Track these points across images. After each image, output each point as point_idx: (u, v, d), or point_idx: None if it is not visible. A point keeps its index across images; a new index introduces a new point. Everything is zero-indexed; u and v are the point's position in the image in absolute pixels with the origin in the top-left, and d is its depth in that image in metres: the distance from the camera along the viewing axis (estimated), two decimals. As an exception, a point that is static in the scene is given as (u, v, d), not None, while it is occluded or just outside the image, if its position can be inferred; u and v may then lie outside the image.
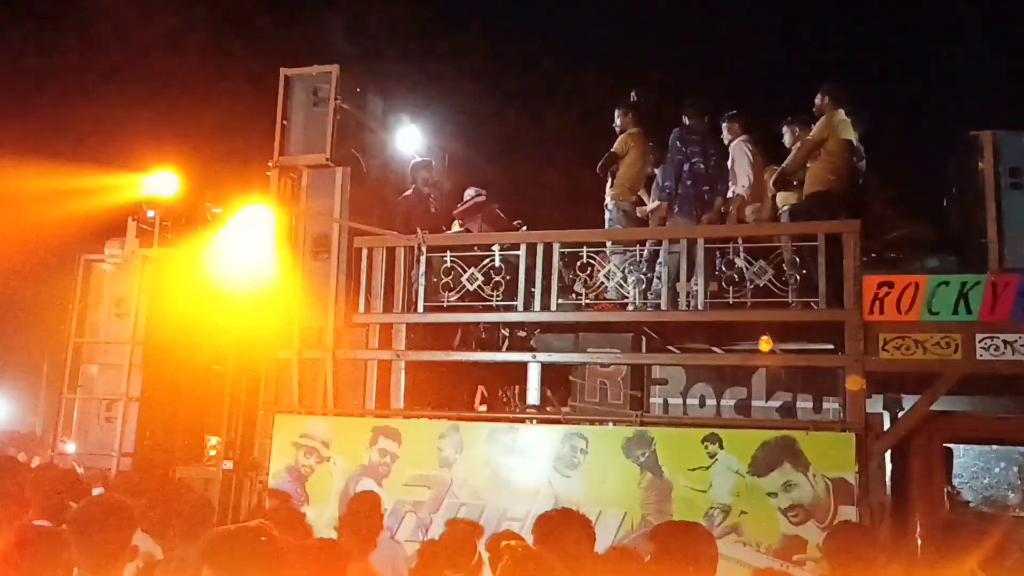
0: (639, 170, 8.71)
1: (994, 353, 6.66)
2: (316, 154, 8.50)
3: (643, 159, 8.72)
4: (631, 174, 8.66)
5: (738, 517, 6.69)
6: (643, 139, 8.77)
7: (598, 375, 7.70)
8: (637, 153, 8.68)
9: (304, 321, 8.29)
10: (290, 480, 7.80)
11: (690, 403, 7.63)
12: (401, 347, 8.05)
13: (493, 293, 7.91)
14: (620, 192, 8.65)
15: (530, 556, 3.19)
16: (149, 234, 9.45)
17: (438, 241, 8.32)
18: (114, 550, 3.42)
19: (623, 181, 8.67)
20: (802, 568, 6.41)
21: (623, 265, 7.93)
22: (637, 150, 8.70)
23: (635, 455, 7.00)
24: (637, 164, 8.69)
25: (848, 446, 6.61)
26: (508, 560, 3.16)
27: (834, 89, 8.06)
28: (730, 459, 6.80)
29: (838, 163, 7.84)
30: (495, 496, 7.26)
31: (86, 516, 3.49)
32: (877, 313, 6.88)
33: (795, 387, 7.41)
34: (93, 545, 3.34)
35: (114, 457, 8.28)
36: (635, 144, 8.70)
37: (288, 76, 8.69)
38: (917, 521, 6.59)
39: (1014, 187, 6.99)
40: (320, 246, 8.40)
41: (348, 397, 8.10)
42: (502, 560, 3.23)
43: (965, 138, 7.40)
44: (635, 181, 8.72)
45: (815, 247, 7.15)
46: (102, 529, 3.41)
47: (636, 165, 8.68)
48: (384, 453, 7.61)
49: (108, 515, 3.50)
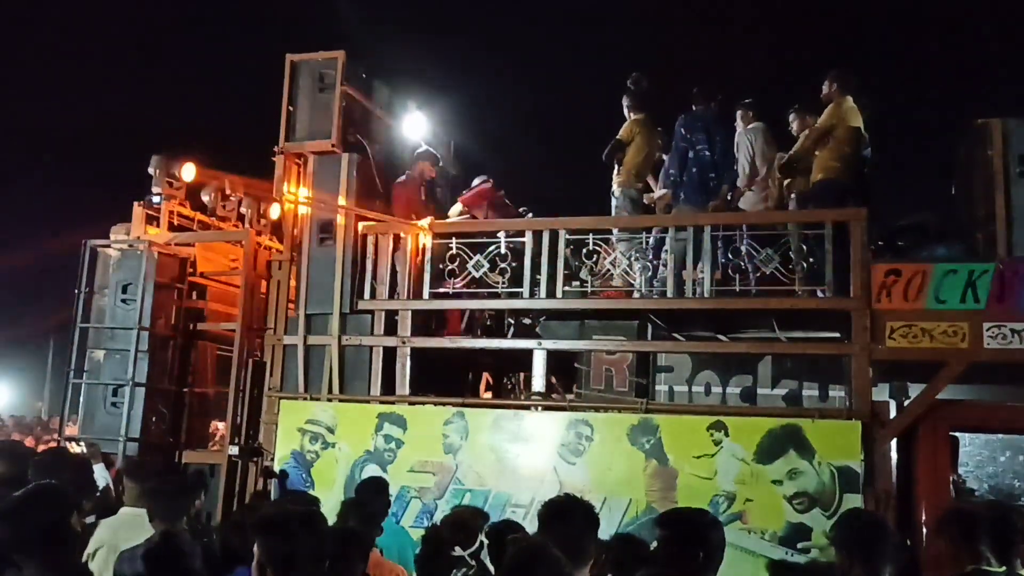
0: (645, 156, 8.68)
1: (1001, 342, 6.64)
2: (322, 140, 8.47)
3: (649, 145, 8.68)
4: (637, 161, 8.62)
5: (743, 504, 6.70)
6: (650, 124, 8.73)
7: (603, 362, 7.69)
8: (643, 139, 8.64)
9: (309, 307, 8.31)
10: (296, 465, 7.82)
11: (695, 391, 7.61)
12: (407, 334, 8.05)
13: (499, 280, 7.90)
14: (626, 179, 8.62)
15: (532, 548, 3.23)
16: (155, 220, 9.47)
17: (444, 228, 8.31)
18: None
19: (629, 168, 8.64)
20: (807, 556, 6.42)
21: (629, 252, 7.92)
22: (643, 136, 8.66)
23: (640, 442, 7.00)
24: (643, 151, 8.66)
25: (854, 434, 6.60)
26: (512, 551, 3.20)
27: (842, 76, 8.02)
28: (735, 447, 6.80)
29: (846, 151, 7.80)
30: (500, 483, 7.27)
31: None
32: (884, 301, 6.86)
33: (801, 375, 7.39)
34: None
35: (120, 442, 8.30)
36: (640, 130, 8.66)
37: (294, 62, 8.66)
38: (923, 509, 6.59)
39: (1023, 175, 6.95)
40: (325, 232, 8.39)
41: (353, 383, 8.11)
42: (507, 553, 3.27)
43: (974, 126, 7.36)
44: (641, 168, 8.68)
45: (822, 235, 7.13)
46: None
47: (642, 152, 8.65)
48: (389, 439, 7.62)
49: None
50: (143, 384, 8.50)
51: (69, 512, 3.59)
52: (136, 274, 8.65)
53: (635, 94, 8.78)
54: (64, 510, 3.55)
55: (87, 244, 9.02)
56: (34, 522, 3.39)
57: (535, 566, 3.02)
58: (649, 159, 8.75)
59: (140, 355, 8.52)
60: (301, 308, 8.34)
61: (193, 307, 9.26)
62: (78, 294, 8.89)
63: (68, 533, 3.50)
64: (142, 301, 8.58)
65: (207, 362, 9.48)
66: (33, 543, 3.36)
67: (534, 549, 3.16)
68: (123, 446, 8.29)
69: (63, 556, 3.45)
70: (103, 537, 5.02)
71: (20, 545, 3.36)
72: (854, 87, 8.00)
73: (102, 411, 8.62)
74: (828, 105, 7.98)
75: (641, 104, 8.75)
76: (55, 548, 3.42)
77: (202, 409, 9.41)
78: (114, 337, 8.73)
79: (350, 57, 8.56)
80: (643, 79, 8.88)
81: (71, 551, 3.54)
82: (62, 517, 3.50)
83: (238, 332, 8.69)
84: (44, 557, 3.35)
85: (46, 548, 3.37)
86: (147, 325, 8.58)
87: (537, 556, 3.06)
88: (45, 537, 3.38)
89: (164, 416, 8.73)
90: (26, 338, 25.70)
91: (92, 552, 4.85)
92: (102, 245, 9.19)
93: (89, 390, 8.78)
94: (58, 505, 3.55)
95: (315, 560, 3.06)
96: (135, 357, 8.49)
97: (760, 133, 8.44)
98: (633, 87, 8.82)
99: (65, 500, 3.65)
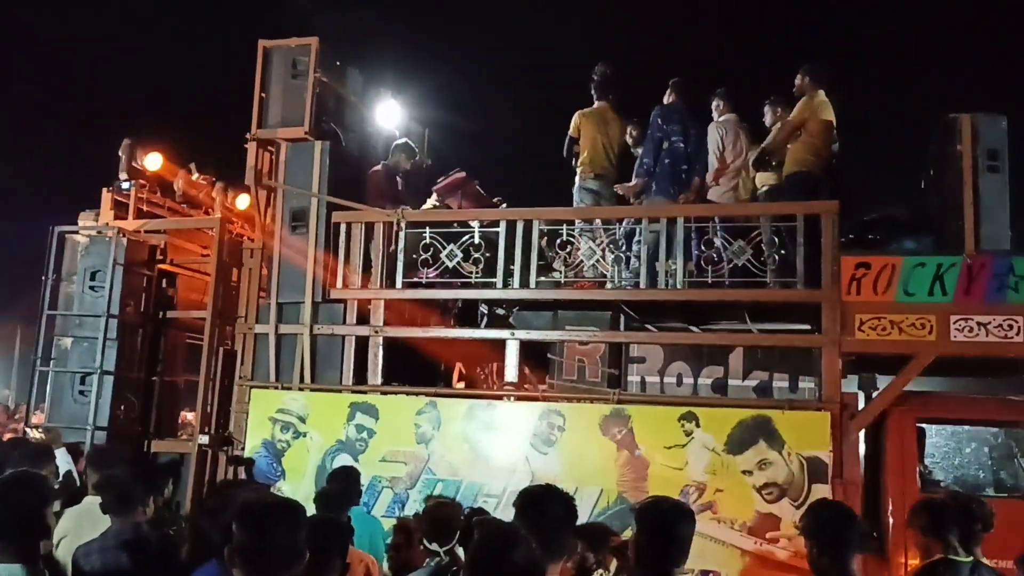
0: (595, 147, 8.63)
1: (968, 334, 6.72)
2: (295, 127, 8.41)
3: (598, 134, 8.63)
4: (587, 154, 8.61)
5: (713, 495, 6.74)
6: (597, 114, 8.69)
7: (576, 353, 7.71)
8: (588, 130, 8.63)
9: (281, 295, 8.25)
10: (266, 455, 7.78)
11: (667, 381, 7.66)
12: (379, 323, 8.02)
13: (472, 270, 7.89)
14: (582, 171, 8.63)
15: (502, 531, 3.12)
16: (124, 206, 9.36)
17: (418, 217, 8.27)
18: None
19: (583, 161, 8.63)
20: (775, 545, 6.49)
21: (600, 243, 7.91)
22: (588, 127, 8.65)
23: (612, 432, 7.02)
24: (591, 142, 8.62)
25: (823, 425, 6.66)
26: (480, 534, 3.10)
27: (815, 69, 8.06)
28: (706, 437, 6.84)
29: (818, 144, 7.86)
30: (472, 472, 7.27)
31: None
32: (854, 293, 6.93)
33: (771, 366, 7.46)
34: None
35: (88, 431, 8.20)
36: (583, 122, 8.68)
37: (267, 48, 8.58)
38: (890, 499, 6.67)
39: (991, 170, 7.02)
40: (298, 220, 8.33)
41: (325, 372, 8.07)
42: (474, 535, 3.17)
43: (944, 120, 7.42)
44: (594, 157, 8.63)
45: (794, 227, 7.17)
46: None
47: (590, 143, 8.62)
48: (361, 429, 7.59)
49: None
50: (111, 372, 8.40)
51: (47, 502, 3.55)
52: (105, 261, 8.54)
53: (596, 83, 8.77)
54: (42, 499, 3.51)
55: (55, 230, 8.88)
56: (12, 510, 3.35)
57: (506, 552, 2.85)
58: (601, 149, 8.66)
59: (109, 343, 8.42)
60: (273, 296, 8.29)
61: (163, 295, 9.16)
62: (45, 280, 8.77)
63: (44, 523, 3.46)
64: (111, 288, 8.47)
65: (177, 350, 9.40)
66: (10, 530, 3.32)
67: (505, 534, 3.01)
68: (91, 435, 8.19)
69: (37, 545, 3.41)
70: (67, 526, 4.97)
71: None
72: (827, 80, 8.05)
73: (69, 399, 8.51)
74: (801, 98, 8.02)
75: (602, 92, 8.74)
76: (30, 537, 3.38)
77: (172, 398, 9.33)
78: (82, 324, 8.62)
79: (324, 44, 8.49)
80: (606, 67, 8.85)
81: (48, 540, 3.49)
82: (40, 506, 3.46)
83: (208, 320, 8.61)
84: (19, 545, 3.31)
85: (21, 536, 3.33)
86: (116, 312, 8.47)
87: (509, 541, 2.90)
88: (21, 525, 3.34)
89: (133, 405, 8.63)
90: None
91: (56, 541, 4.79)
92: (70, 231, 9.06)
93: (56, 378, 8.67)
94: (37, 494, 3.51)
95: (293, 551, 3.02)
96: (103, 345, 8.39)
97: (731, 125, 8.38)
98: (595, 76, 8.81)
99: (44, 489, 3.60)
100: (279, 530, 3.01)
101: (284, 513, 3.10)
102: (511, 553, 2.85)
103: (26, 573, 3.27)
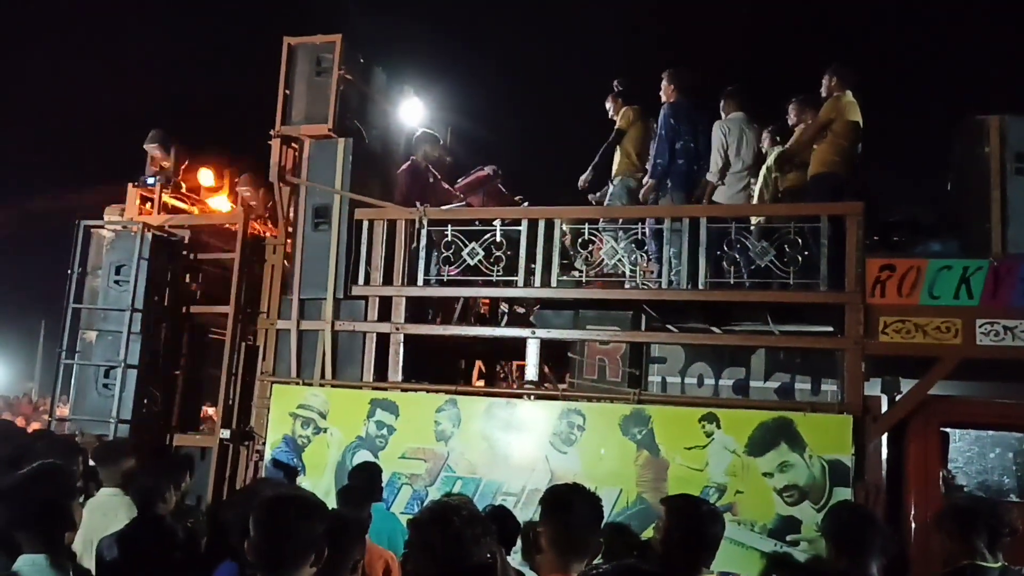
0: (643, 144, 8.67)
1: (994, 338, 6.65)
2: (318, 124, 8.44)
3: (648, 132, 8.68)
4: (636, 149, 8.62)
5: (733, 496, 6.71)
6: (644, 114, 8.75)
7: (597, 352, 7.69)
8: (641, 126, 8.66)
9: (303, 292, 8.29)
10: (287, 450, 7.82)
11: (688, 382, 7.62)
12: (400, 320, 8.04)
13: (493, 268, 7.89)
14: (626, 168, 8.62)
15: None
16: (149, 200, 9.43)
17: (439, 215, 8.29)
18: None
19: (627, 156, 8.63)
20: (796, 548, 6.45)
21: (623, 242, 7.89)
22: (640, 125, 8.68)
23: (632, 432, 7.01)
24: (641, 139, 8.66)
25: (845, 428, 6.61)
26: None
27: (842, 70, 8.00)
28: (727, 439, 6.81)
29: (844, 145, 7.80)
30: (491, 471, 7.28)
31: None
32: (878, 296, 6.87)
33: (794, 368, 7.40)
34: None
35: (111, 424, 8.28)
36: (636, 117, 8.69)
37: (291, 45, 8.62)
38: (912, 504, 6.61)
39: (1019, 172, 6.93)
40: (320, 217, 8.37)
41: (346, 369, 8.10)
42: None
43: (970, 122, 7.34)
44: (641, 154, 8.68)
45: (818, 228, 7.13)
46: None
47: (640, 140, 8.65)
48: (381, 425, 7.61)
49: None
50: (135, 366, 8.47)
51: (72, 494, 3.58)
52: (130, 255, 8.61)
53: (622, 93, 8.84)
54: (68, 492, 3.54)
55: (80, 224, 8.96)
56: (38, 500, 3.38)
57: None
58: (647, 148, 8.74)
59: (132, 337, 8.49)
60: (295, 293, 8.32)
61: (187, 289, 9.23)
62: (71, 274, 8.85)
63: (69, 514, 3.49)
64: (135, 282, 8.55)
65: (200, 345, 9.47)
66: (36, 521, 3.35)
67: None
68: (115, 427, 8.27)
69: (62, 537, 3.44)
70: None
71: (22, 522, 3.35)
72: (854, 81, 7.99)
73: (94, 392, 8.59)
74: (827, 98, 7.97)
75: (630, 100, 8.79)
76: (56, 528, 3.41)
77: (194, 392, 9.40)
78: (107, 318, 8.70)
79: (348, 41, 8.51)
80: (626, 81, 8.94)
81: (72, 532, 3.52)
82: (66, 498, 3.49)
83: (231, 315, 8.67)
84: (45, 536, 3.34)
85: (47, 527, 3.37)
86: (140, 307, 8.54)
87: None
88: (46, 516, 3.37)
89: (156, 398, 8.70)
90: (17, 318, 25.61)
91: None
92: (96, 226, 9.14)
93: (81, 371, 8.75)
94: (63, 486, 3.54)
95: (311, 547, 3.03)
96: (127, 339, 8.46)
97: (736, 125, 8.27)
98: (620, 88, 8.88)
99: (69, 482, 3.63)
100: (296, 525, 3.02)
101: (302, 508, 3.11)
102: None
103: (50, 563, 3.31)
